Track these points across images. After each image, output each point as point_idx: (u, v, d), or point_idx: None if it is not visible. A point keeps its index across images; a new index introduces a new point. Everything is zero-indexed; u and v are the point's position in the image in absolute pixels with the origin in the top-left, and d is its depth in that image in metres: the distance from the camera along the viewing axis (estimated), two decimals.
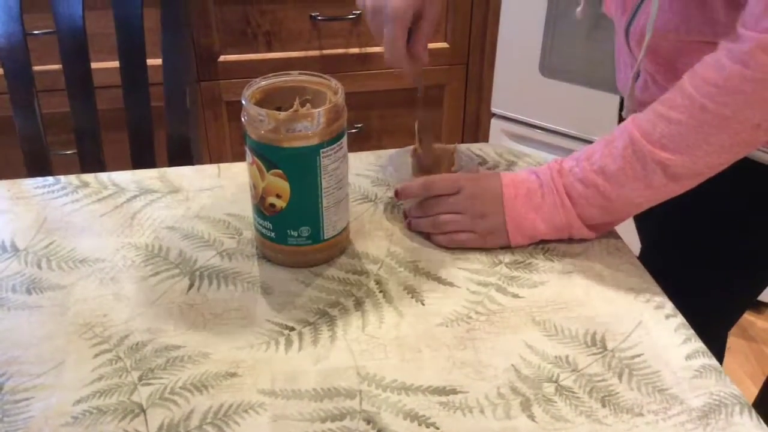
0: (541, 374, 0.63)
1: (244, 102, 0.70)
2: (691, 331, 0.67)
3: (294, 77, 0.76)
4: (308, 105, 0.72)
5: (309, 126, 0.69)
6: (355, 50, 1.78)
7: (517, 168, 0.92)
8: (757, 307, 1.97)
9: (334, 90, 0.73)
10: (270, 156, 0.70)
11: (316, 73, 0.75)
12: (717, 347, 0.96)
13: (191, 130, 1.17)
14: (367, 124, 1.91)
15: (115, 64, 1.15)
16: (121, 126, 1.19)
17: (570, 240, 0.79)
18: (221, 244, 0.79)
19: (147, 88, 1.16)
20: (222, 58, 1.74)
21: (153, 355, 0.64)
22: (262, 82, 0.74)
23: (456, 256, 0.77)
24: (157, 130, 1.19)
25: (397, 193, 0.82)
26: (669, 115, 0.69)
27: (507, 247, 0.78)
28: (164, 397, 0.60)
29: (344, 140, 0.73)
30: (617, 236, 0.80)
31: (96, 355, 0.64)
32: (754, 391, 1.04)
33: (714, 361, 0.64)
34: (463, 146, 0.95)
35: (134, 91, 1.16)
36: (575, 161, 0.76)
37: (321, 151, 0.70)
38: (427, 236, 0.80)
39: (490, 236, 0.78)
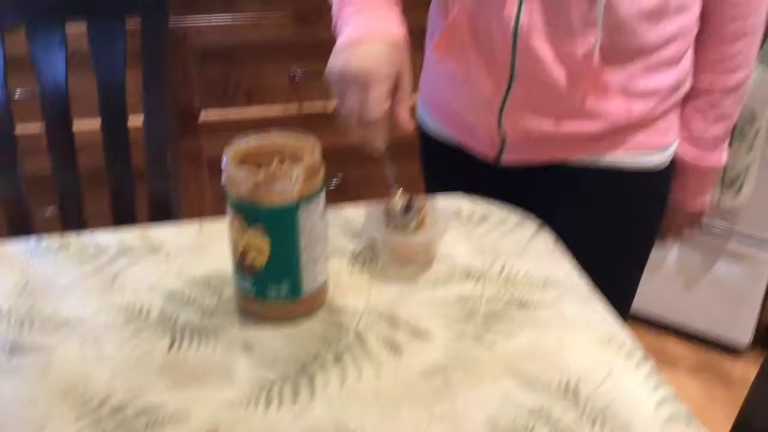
0: (517, 425, 0.64)
1: (224, 162, 0.73)
2: (661, 377, 0.69)
3: (272, 137, 0.78)
4: (287, 163, 0.74)
5: (287, 184, 0.71)
6: (334, 106, 1.82)
7: (491, 218, 0.94)
8: (736, 353, 1.99)
9: (311, 148, 0.75)
10: (250, 214, 0.72)
11: (294, 132, 0.78)
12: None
13: (172, 187, 1.19)
14: (345, 176, 1.94)
15: (97, 122, 1.17)
16: (102, 183, 1.21)
17: (543, 290, 0.81)
18: (202, 301, 0.80)
19: (128, 148, 1.18)
20: (202, 115, 1.77)
21: (134, 417, 0.65)
22: (242, 142, 0.76)
23: (433, 308, 0.79)
24: (139, 186, 1.20)
25: None
26: None
27: (482, 299, 0.80)
28: None
29: (322, 197, 0.75)
30: (589, 286, 0.83)
31: (78, 418, 0.64)
32: None
33: (684, 408, 0.66)
34: (434, 200, 0.97)
35: (115, 151, 1.18)
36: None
37: (300, 208, 0.72)
38: (405, 288, 0.81)
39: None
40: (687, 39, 0.91)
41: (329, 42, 0.86)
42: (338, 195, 1.94)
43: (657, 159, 0.97)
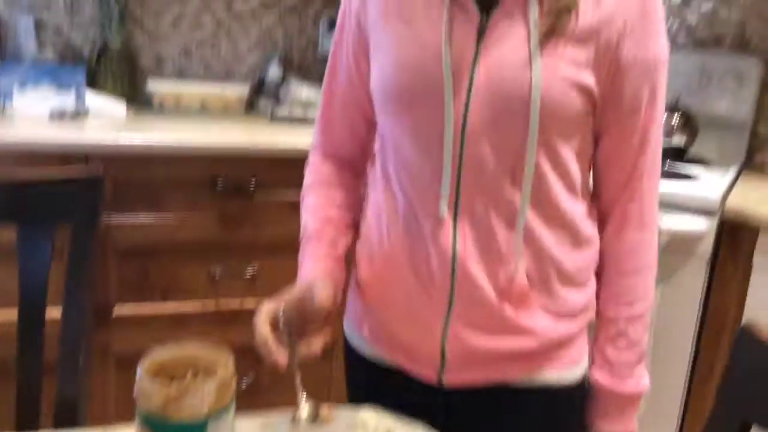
0: None
1: (137, 373, 0.75)
2: None
3: (187, 348, 0.80)
4: (200, 377, 0.76)
5: (198, 400, 0.73)
6: (251, 306, 1.85)
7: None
8: None
9: (225, 362, 0.78)
10: (158, 428, 0.73)
11: (209, 345, 0.80)
12: None
13: (81, 390, 1.17)
14: (258, 375, 1.92)
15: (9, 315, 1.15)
16: (7, 379, 1.17)
17: None
18: None
19: (41, 350, 1.16)
20: (116, 309, 1.76)
21: None
22: (157, 353, 0.78)
23: None
24: (46, 382, 1.16)
25: None
26: None
27: None
28: None
29: (232, 410, 0.77)
30: None
31: None
32: None
33: None
34: (340, 410, 0.99)
35: (29, 351, 1.16)
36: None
37: (208, 423, 0.74)
38: None
39: None
40: (592, 267, 1.04)
41: (250, 243, 0.92)
42: (250, 396, 1.90)
43: (576, 374, 1.04)
